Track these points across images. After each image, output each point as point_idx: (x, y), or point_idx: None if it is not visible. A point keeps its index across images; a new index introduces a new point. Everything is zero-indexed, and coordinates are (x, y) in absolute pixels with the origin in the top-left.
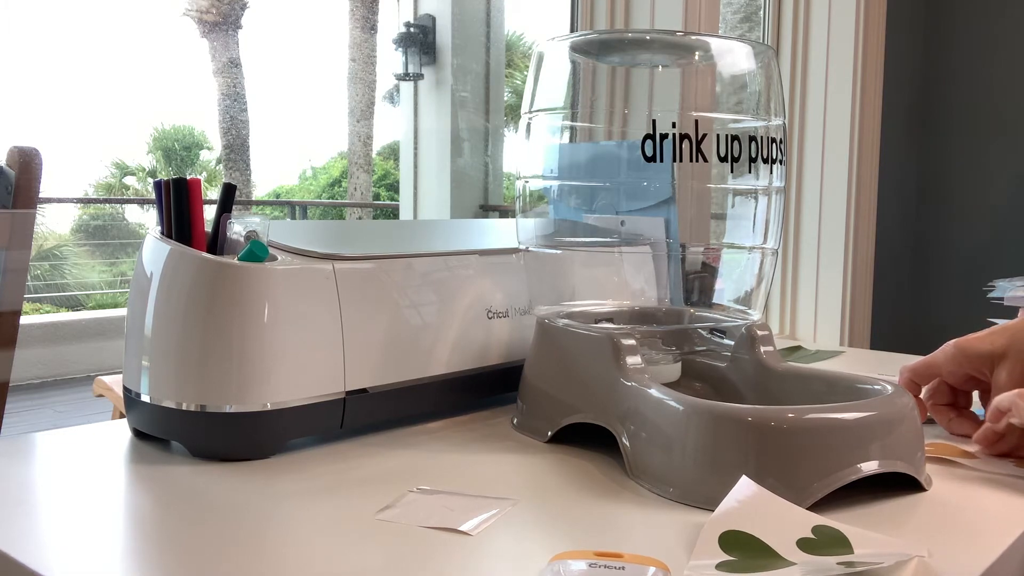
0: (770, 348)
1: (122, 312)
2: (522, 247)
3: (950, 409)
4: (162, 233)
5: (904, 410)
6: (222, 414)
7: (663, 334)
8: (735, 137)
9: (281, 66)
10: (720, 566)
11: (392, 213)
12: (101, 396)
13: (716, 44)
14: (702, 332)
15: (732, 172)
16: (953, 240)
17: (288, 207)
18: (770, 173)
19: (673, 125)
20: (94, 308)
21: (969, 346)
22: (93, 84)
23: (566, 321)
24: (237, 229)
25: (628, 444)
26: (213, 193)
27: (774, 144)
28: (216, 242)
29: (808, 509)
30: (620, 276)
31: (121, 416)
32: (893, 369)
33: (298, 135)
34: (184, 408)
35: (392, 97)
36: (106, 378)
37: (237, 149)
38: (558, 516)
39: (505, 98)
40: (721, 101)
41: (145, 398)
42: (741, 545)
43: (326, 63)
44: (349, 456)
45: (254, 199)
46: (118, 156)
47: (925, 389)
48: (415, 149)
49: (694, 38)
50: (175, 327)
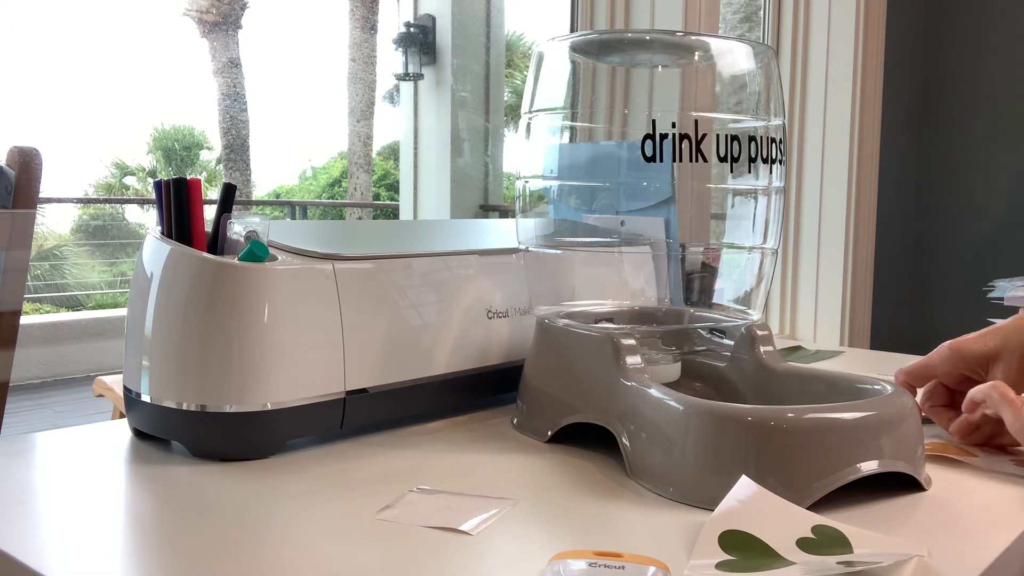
0: (770, 348)
1: (122, 312)
2: (522, 247)
3: (949, 410)
4: (162, 233)
5: (904, 410)
6: (222, 414)
7: (663, 334)
8: (735, 137)
9: (281, 66)
10: (720, 566)
11: (392, 213)
12: (101, 396)
13: (716, 44)
14: (702, 332)
15: (732, 172)
16: (953, 240)
17: (288, 207)
18: (770, 173)
19: (673, 125)
20: (94, 308)
21: (963, 347)
22: (93, 84)
23: (566, 321)
24: (237, 229)
25: (628, 444)
26: (213, 193)
27: (774, 144)
28: (216, 242)
29: (808, 509)
30: (620, 276)
31: (121, 416)
32: (893, 369)
33: (298, 135)
34: (184, 408)
35: (392, 97)
36: (106, 378)
37: (237, 149)
38: (558, 516)
39: (505, 98)
40: (721, 101)
41: (145, 398)
42: (741, 545)
43: (326, 63)
44: (349, 456)
45: (254, 199)
46: (118, 156)
47: (922, 391)
48: (415, 149)
49: (694, 38)
50: (175, 327)
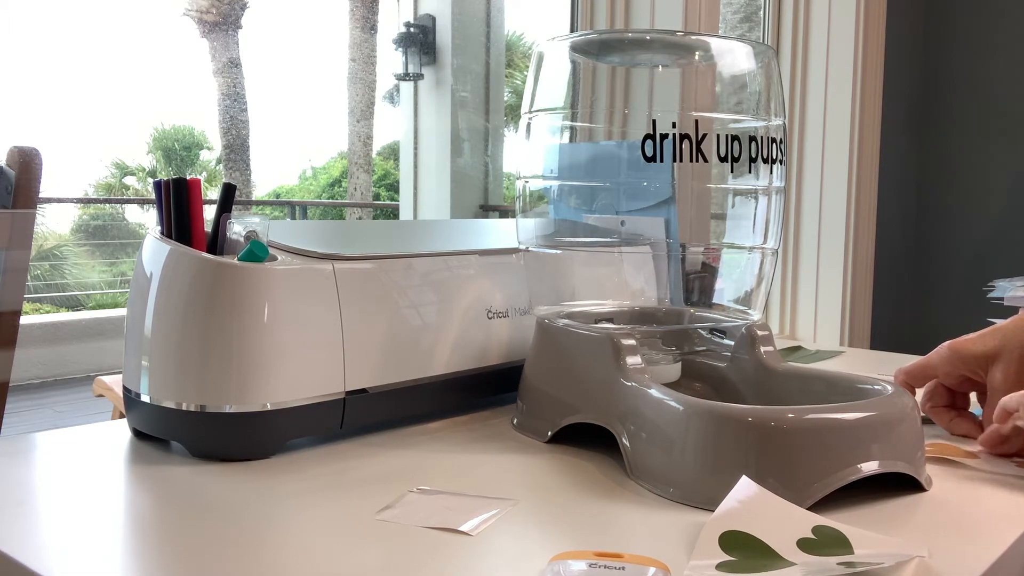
0: (770, 348)
1: (122, 312)
2: (522, 247)
3: (949, 410)
4: (162, 233)
5: (904, 410)
6: (222, 414)
7: (663, 334)
8: (735, 137)
9: (281, 66)
10: (720, 566)
11: (392, 213)
12: (101, 396)
13: (716, 44)
14: (702, 332)
15: (732, 172)
16: (953, 240)
17: (288, 207)
18: (770, 173)
19: (673, 125)
20: (94, 308)
21: (963, 347)
22: (93, 84)
23: (566, 321)
24: (237, 229)
25: (628, 444)
26: (213, 193)
27: (774, 144)
28: (216, 242)
29: (808, 509)
30: (620, 276)
31: (121, 416)
32: (893, 369)
33: (298, 135)
34: (184, 408)
35: (392, 97)
36: (106, 378)
37: (237, 149)
38: (558, 516)
39: (505, 98)
40: (721, 101)
41: (145, 398)
42: (741, 545)
43: (326, 63)
44: (349, 456)
45: (254, 199)
46: (118, 156)
47: (922, 391)
48: (415, 149)
49: (694, 38)
50: (175, 327)
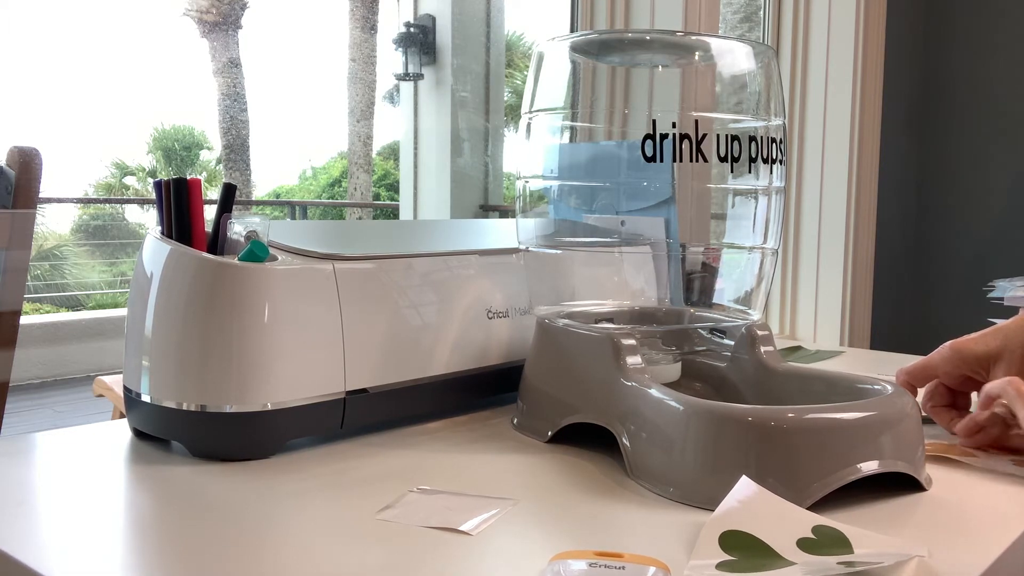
0: (770, 348)
1: (122, 312)
2: (522, 247)
3: (950, 410)
4: (162, 233)
5: (904, 410)
6: (222, 414)
7: (663, 334)
8: (735, 137)
9: (281, 66)
10: (720, 566)
11: (392, 213)
12: (101, 396)
13: (716, 44)
14: (702, 332)
15: (732, 172)
16: (953, 240)
17: (288, 207)
18: (770, 173)
19: (673, 125)
20: (94, 308)
21: (964, 347)
22: (93, 84)
23: (566, 321)
24: (237, 229)
25: (628, 444)
26: (213, 193)
27: (774, 144)
28: (216, 242)
29: (808, 509)
30: (620, 276)
31: (121, 416)
32: (893, 369)
33: (298, 135)
34: (184, 408)
35: (392, 97)
36: (106, 378)
37: (237, 149)
38: (558, 516)
39: (505, 98)
40: (721, 101)
41: (145, 398)
42: (741, 545)
43: (326, 63)
44: (349, 456)
45: (254, 199)
46: (118, 156)
47: (923, 391)
48: (415, 149)
49: (694, 38)
50: (175, 327)
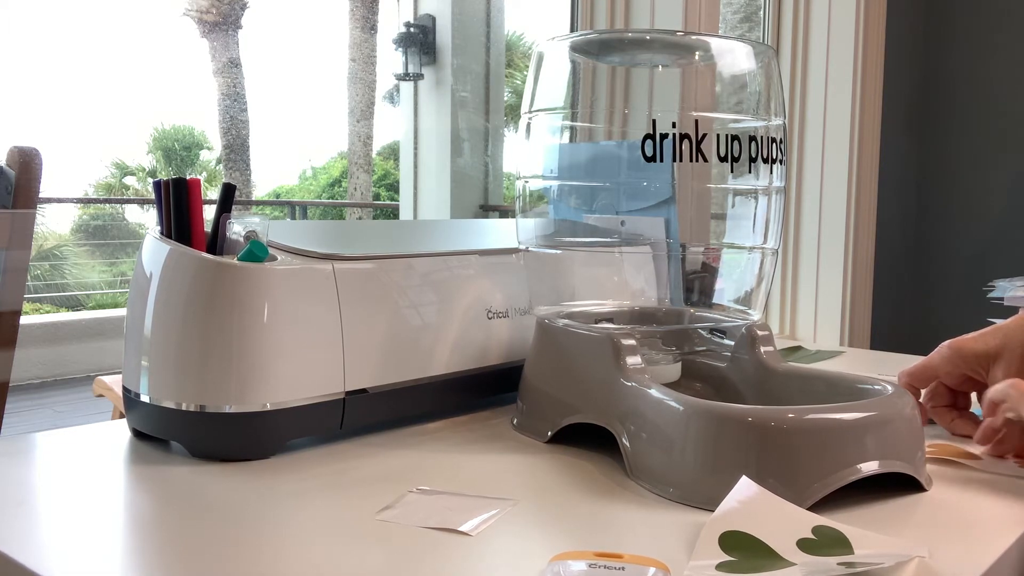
0: (770, 348)
1: (122, 312)
2: (522, 247)
3: (951, 410)
4: (162, 233)
5: (904, 410)
6: (222, 414)
7: (663, 334)
8: (735, 137)
9: (281, 66)
10: (720, 566)
11: (392, 213)
12: (101, 396)
13: (716, 44)
14: (702, 332)
15: (732, 172)
16: (953, 240)
17: (288, 207)
18: (770, 173)
19: (673, 125)
20: (94, 308)
21: (964, 347)
22: (93, 84)
23: (566, 321)
24: (237, 229)
25: (628, 444)
26: (213, 193)
27: (774, 144)
28: (216, 242)
29: (808, 509)
30: (620, 276)
31: (121, 416)
32: (893, 369)
33: (298, 135)
34: (184, 408)
35: (392, 97)
36: (106, 378)
37: (237, 149)
38: (558, 516)
39: (505, 98)
40: (721, 101)
41: (145, 398)
42: (741, 545)
43: (326, 63)
44: (349, 456)
45: (254, 199)
46: (118, 156)
47: (924, 392)
48: (415, 149)
49: (694, 38)
50: (175, 327)
